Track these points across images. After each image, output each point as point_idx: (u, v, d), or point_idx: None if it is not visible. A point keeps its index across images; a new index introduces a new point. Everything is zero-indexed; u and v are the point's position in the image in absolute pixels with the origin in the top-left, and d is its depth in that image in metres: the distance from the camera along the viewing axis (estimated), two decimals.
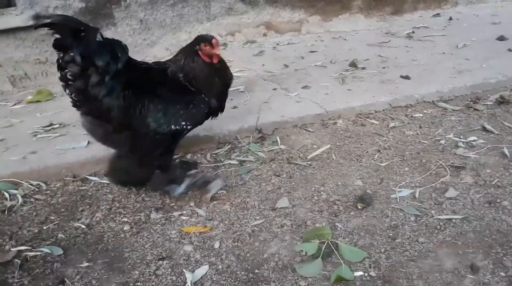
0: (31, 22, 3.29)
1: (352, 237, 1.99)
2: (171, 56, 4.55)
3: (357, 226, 2.06)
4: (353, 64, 3.87)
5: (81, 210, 2.33)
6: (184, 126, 2.18)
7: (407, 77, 3.52)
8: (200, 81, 2.23)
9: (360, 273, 1.79)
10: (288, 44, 4.65)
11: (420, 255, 1.88)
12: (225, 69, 2.34)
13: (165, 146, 2.23)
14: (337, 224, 2.09)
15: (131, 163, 2.25)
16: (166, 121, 2.12)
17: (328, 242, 1.94)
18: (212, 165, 2.66)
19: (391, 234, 2.00)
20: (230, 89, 3.47)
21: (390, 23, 5.10)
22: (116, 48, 2.00)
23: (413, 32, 4.76)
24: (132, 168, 2.26)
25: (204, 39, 2.21)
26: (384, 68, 3.79)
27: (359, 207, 2.18)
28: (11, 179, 2.53)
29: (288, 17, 4.81)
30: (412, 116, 3.08)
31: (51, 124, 3.14)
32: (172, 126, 2.14)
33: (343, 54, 4.23)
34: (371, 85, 3.45)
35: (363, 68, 3.81)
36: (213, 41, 2.19)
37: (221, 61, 2.30)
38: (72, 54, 1.89)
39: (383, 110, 3.17)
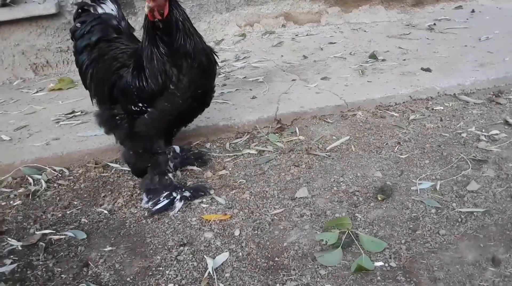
0: (53, 10, 3.35)
1: (372, 228, 1.99)
2: None
3: (377, 217, 2.06)
4: (373, 56, 3.83)
5: (103, 196, 2.38)
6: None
7: (428, 70, 3.48)
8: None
9: (381, 263, 1.80)
10: (307, 35, 4.63)
11: (441, 247, 1.87)
12: (172, 37, 1.91)
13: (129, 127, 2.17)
14: (356, 214, 2.09)
15: (124, 150, 2.30)
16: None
17: (348, 232, 1.94)
18: (231, 154, 2.67)
19: (411, 226, 2.00)
20: (250, 79, 3.56)
21: (411, 15, 5.03)
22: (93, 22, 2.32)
23: (434, 24, 4.69)
24: (126, 155, 2.30)
25: None
26: (404, 60, 3.75)
27: (379, 199, 2.17)
28: (35, 165, 2.59)
29: (307, 8, 4.78)
30: (433, 109, 3.05)
31: (73, 111, 3.20)
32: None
33: (362, 45, 4.19)
34: (392, 77, 3.42)
35: (383, 60, 3.77)
36: None
37: (168, 24, 1.89)
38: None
39: (403, 102, 3.14)
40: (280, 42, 4.44)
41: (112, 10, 2.41)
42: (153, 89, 2.01)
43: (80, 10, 2.43)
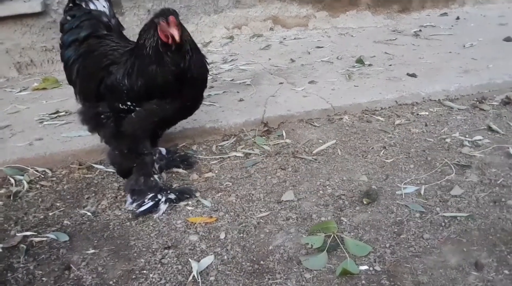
0: (38, 9, 3.31)
1: (357, 232, 2.00)
2: None
3: (362, 221, 2.07)
4: (360, 61, 3.87)
5: (87, 198, 2.34)
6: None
7: (413, 75, 3.52)
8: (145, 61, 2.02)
9: (365, 267, 1.80)
10: (294, 39, 4.65)
11: (425, 251, 1.88)
12: (181, 57, 1.99)
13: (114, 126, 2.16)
14: (342, 218, 2.09)
15: (110, 150, 2.27)
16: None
17: (334, 235, 1.94)
18: (217, 157, 2.66)
19: (396, 230, 2.01)
20: (237, 82, 3.56)
21: (397, 21, 5.09)
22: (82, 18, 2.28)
23: (420, 30, 4.75)
24: (111, 154, 2.28)
25: (164, 13, 1.93)
26: (390, 65, 3.79)
27: (365, 202, 2.18)
28: (17, 165, 2.55)
29: (295, 12, 4.81)
30: (418, 114, 3.08)
31: (57, 111, 3.15)
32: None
33: (349, 50, 4.22)
34: (378, 82, 3.45)
35: (369, 65, 3.80)
36: (170, 18, 1.89)
37: (181, 47, 1.97)
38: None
39: (389, 107, 3.17)
40: (268, 45, 4.45)
41: (104, 7, 2.38)
42: (145, 93, 2.02)
43: (71, 4, 2.38)
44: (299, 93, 3.31)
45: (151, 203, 2.19)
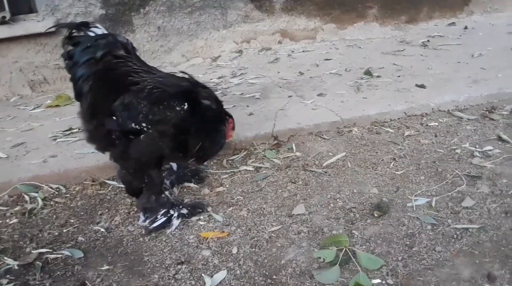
0: (52, 29, 3.40)
1: (369, 245, 2.00)
2: (186, 63, 4.58)
3: (374, 234, 2.07)
4: (368, 72, 3.89)
5: (100, 214, 2.38)
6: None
7: (422, 86, 3.53)
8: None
9: (378, 280, 1.80)
10: (303, 51, 4.69)
11: (437, 264, 1.88)
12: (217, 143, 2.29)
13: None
14: (354, 231, 2.10)
15: (119, 169, 2.28)
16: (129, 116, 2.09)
17: (346, 249, 1.95)
18: (228, 171, 2.69)
19: (408, 243, 2.01)
20: (247, 95, 3.60)
21: (405, 31, 5.11)
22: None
23: (428, 41, 4.77)
24: (120, 173, 2.30)
25: (229, 115, 2.33)
26: (399, 76, 3.80)
27: (376, 215, 2.19)
28: (32, 182, 2.59)
29: (303, 25, 4.85)
30: (427, 125, 3.09)
31: (70, 128, 3.21)
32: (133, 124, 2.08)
33: (358, 62, 4.25)
34: (387, 93, 3.46)
35: (378, 76, 3.82)
36: (230, 121, 2.32)
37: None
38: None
39: (398, 118, 3.18)
40: (276, 59, 4.49)
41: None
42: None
43: (72, 32, 2.29)
44: (308, 106, 3.33)
45: (163, 219, 2.22)
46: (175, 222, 2.22)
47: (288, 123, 3.08)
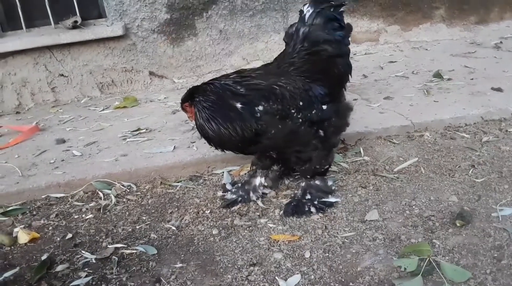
0: (120, 33, 3.49)
1: (452, 256, 1.88)
2: (247, 66, 4.61)
3: (457, 244, 1.95)
4: (438, 75, 3.71)
5: (170, 212, 2.40)
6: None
7: (499, 89, 3.32)
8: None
9: None
10: (365, 54, 4.57)
11: None
12: None
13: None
14: (434, 240, 1.98)
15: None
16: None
17: (428, 259, 1.84)
18: (295, 174, 2.63)
19: (496, 255, 1.87)
20: None
21: (475, 32, 4.86)
22: None
23: (501, 42, 4.50)
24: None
25: None
26: (472, 79, 3.60)
27: (458, 225, 2.05)
28: (105, 180, 2.67)
29: (366, 27, 4.73)
30: (507, 131, 2.89)
31: (138, 129, 3.29)
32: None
33: (425, 64, 4.08)
34: (460, 97, 3.28)
35: (449, 79, 3.64)
36: None
37: None
38: None
39: (474, 123, 3.00)
40: None
41: None
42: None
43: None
44: (375, 109, 3.23)
45: (333, 199, 2.35)
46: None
47: (355, 127, 2.98)
